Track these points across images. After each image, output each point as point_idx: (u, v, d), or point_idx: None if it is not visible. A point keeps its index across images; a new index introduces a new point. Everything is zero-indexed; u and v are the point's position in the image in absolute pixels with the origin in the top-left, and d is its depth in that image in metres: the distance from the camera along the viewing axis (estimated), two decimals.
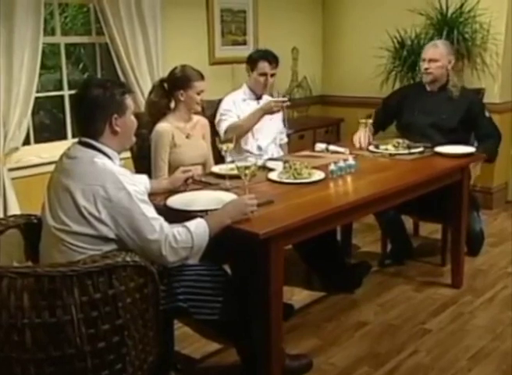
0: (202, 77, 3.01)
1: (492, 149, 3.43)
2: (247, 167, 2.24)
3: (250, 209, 2.15)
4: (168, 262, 1.97)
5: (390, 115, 3.66)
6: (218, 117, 3.46)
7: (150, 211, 1.96)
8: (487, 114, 3.49)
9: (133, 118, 2.09)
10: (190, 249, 1.99)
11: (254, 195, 2.22)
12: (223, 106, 3.49)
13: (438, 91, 3.54)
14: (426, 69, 3.49)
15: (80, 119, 2.04)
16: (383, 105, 3.75)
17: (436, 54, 3.46)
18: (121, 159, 2.10)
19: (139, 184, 2.07)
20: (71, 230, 1.90)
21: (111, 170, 1.93)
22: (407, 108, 3.56)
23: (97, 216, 1.89)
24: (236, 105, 3.49)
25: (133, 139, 2.14)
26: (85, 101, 2.00)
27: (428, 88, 3.56)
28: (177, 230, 1.98)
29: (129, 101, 2.05)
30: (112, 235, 1.92)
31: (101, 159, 1.95)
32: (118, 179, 1.91)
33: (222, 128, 3.37)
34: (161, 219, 1.98)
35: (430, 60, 3.47)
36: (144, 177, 2.53)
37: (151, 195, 2.43)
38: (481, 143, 3.43)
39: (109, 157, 2.00)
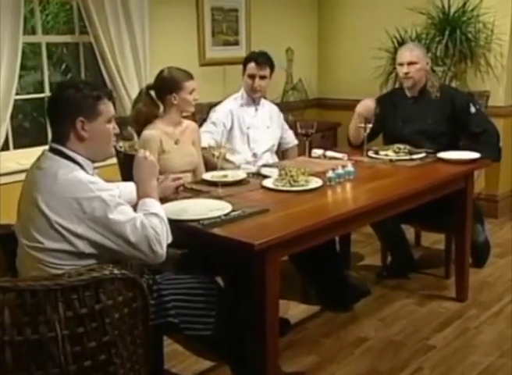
0: (191, 76, 3.04)
1: (488, 148, 3.34)
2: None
3: (149, 159, 2.12)
4: (158, 256, 1.94)
5: (376, 127, 3.40)
6: (207, 123, 3.49)
7: (127, 212, 1.94)
8: (472, 109, 3.43)
9: (108, 126, 2.03)
10: (166, 230, 1.99)
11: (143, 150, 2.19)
12: (214, 116, 3.50)
13: (419, 95, 3.55)
14: (406, 73, 3.49)
15: (49, 120, 2.03)
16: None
17: (414, 56, 3.47)
18: (106, 166, 2.09)
19: (114, 188, 2.05)
20: (44, 246, 1.88)
21: (81, 180, 1.90)
22: (390, 119, 3.53)
23: (73, 230, 1.87)
24: (234, 114, 3.52)
25: (111, 151, 2.09)
26: (55, 102, 2.00)
27: (409, 94, 3.57)
28: (151, 222, 1.95)
29: (104, 107, 2.00)
30: (88, 250, 1.90)
31: (70, 169, 1.92)
32: (89, 188, 1.89)
33: (203, 140, 3.26)
34: (141, 216, 1.95)
35: (409, 63, 3.47)
36: (130, 185, 2.52)
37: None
38: (473, 145, 3.35)
39: (81, 165, 1.97)
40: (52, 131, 2.02)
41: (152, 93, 3.06)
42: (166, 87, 3.00)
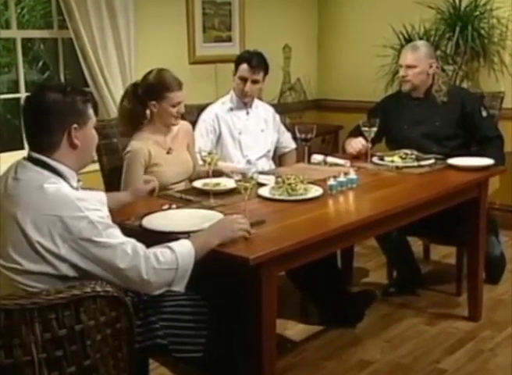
0: (180, 87, 2.96)
1: (498, 153, 3.41)
2: (246, 181, 2.26)
3: (240, 227, 2.15)
4: (150, 287, 1.94)
5: (379, 131, 3.41)
6: (195, 135, 3.47)
7: (117, 236, 1.92)
8: (484, 113, 3.50)
9: (94, 131, 2.05)
10: (175, 271, 1.96)
11: (243, 216, 2.23)
12: (202, 125, 3.52)
13: (424, 96, 3.58)
14: (403, 76, 3.53)
15: (33, 128, 1.97)
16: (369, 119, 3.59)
17: (413, 59, 3.50)
18: (89, 172, 2.10)
19: (103, 207, 2.03)
20: (23, 268, 1.85)
21: (67, 196, 1.88)
22: (395, 122, 3.56)
23: (56, 251, 1.84)
24: (221, 119, 3.53)
25: (93, 155, 2.12)
26: (40, 106, 1.94)
27: (414, 95, 3.60)
28: (159, 250, 1.97)
29: (91, 111, 2.02)
30: (72, 273, 1.88)
31: (54, 184, 1.89)
32: (76, 206, 1.86)
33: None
34: (133, 240, 1.95)
35: (408, 66, 3.51)
36: (100, 194, 2.50)
37: (121, 215, 2.42)
38: (484, 147, 3.45)
39: (65, 178, 1.95)
40: (36, 139, 1.96)
41: (139, 90, 3.00)
42: (148, 91, 2.95)
